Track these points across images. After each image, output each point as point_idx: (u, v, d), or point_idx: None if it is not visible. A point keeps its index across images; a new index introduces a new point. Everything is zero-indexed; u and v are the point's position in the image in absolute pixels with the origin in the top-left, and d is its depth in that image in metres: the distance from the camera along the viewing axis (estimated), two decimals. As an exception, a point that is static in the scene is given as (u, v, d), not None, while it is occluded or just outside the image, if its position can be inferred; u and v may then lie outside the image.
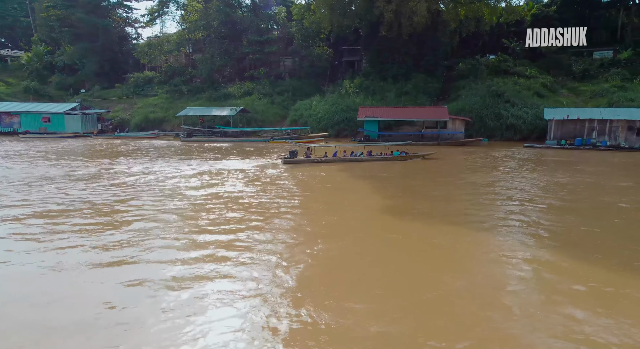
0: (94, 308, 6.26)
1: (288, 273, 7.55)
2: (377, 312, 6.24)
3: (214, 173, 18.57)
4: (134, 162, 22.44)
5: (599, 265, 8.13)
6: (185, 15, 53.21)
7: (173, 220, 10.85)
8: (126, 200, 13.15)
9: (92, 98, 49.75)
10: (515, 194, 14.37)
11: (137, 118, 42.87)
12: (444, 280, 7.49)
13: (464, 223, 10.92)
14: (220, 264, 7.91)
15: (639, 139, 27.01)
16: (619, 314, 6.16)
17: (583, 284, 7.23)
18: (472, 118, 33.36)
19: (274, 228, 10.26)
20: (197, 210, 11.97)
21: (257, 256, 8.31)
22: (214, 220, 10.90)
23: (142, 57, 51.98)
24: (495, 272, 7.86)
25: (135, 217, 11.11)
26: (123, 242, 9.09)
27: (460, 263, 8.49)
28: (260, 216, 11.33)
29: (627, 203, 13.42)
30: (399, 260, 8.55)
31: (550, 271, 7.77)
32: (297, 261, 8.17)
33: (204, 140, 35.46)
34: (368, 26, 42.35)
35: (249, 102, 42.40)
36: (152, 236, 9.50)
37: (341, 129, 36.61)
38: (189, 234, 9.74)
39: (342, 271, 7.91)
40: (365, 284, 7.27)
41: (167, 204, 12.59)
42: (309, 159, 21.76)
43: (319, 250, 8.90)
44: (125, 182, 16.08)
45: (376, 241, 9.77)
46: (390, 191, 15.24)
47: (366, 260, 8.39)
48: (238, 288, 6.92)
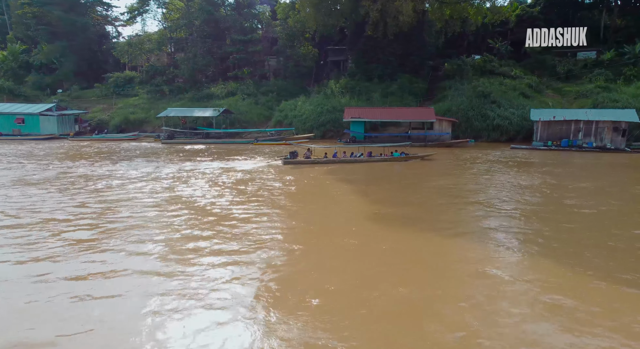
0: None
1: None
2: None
3: (193, 177, 17.76)
4: (100, 165, 21.55)
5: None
6: (166, 14, 51.95)
7: (123, 228, 10.08)
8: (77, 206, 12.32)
9: (70, 99, 48.13)
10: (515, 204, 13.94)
11: (117, 119, 41.51)
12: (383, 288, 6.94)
13: (442, 230, 10.41)
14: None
15: (624, 140, 26.98)
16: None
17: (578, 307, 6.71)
18: (459, 119, 33.06)
19: (241, 239, 9.57)
20: (158, 220, 11.20)
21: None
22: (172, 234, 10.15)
23: (122, 56, 50.55)
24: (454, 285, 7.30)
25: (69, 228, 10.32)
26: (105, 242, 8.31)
27: (416, 271, 8.18)
28: (235, 228, 10.64)
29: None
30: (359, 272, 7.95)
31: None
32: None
33: (185, 142, 34.46)
34: (353, 26, 41.84)
35: (233, 103, 41.44)
36: (115, 246, 8.72)
37: (327, 130, 35.95)
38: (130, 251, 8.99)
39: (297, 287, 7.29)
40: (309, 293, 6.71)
41: (135, 211, 11.79)
42: (309, 160, 22.10)
43: (281, 262, 8.28)
44: (82, 187, 15.30)
45: (343, 252, 9.16)
46: (378, 196, 14.67)
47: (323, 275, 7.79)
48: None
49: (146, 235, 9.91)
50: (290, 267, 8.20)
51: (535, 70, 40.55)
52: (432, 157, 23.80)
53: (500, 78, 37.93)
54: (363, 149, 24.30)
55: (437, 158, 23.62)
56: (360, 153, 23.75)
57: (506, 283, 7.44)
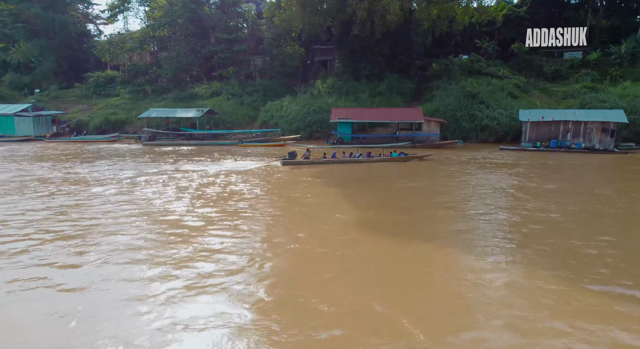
0: None
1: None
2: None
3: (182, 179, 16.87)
4: (64, 168, 20.56)
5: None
6: (149, 12, 50.67)
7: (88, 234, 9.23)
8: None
9: (48, 99, 46.61)
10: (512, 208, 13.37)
11: (97, 120, 40.21)
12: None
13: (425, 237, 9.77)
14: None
15: (613, 141, 26.78)
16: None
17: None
18: (447, 119, 32.63)
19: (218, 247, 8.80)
20: (103, 230, 10.35)
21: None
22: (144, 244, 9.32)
23: (102, 55, 49.15)
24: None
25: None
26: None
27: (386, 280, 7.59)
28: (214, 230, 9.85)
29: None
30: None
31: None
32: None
33: (167, 143, 33.40)
34: (340, 25, 41.14)
35: (217, 103, 40.42)
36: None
37: (314, 131, 35.25)
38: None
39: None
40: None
41: (85, 215, 10.91)
42: (308, 160, 22.14)
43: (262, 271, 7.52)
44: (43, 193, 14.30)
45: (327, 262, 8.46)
46: (367, 200, 14.00)
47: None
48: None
49: (96, 251, 9.08)
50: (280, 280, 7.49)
51: (522, 70, 40.37)
52: (431, 158, 23.82)
53: (488, 79, 37.66)
54: (362, 150, 24.36)
55: (435, 159, 23.58)
56: (359, 153, 23.82)
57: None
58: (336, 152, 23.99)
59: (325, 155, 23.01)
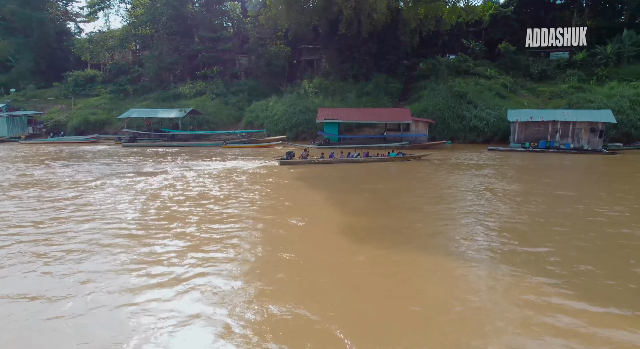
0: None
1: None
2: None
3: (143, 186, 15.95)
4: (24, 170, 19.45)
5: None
6: (131, 10, 49.32)
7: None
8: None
9: (25, 99, 45.04)
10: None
11: (75, 120, 38.86)
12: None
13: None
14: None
15: (601, 141, 26.60)
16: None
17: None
18: (435, 119, 32.20)
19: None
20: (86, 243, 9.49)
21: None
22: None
23: (82, 54, 47.64)
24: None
25: None
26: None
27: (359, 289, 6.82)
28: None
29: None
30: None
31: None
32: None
33: (148, 145, 32.33)
34: (327, 24, 40.49)
35: (200, 103, 39.40)
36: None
37: (300, 132, 34.52)
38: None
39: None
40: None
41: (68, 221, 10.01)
42: (306, 160, 22.30)
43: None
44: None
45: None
46: (358, 204, 13.31)
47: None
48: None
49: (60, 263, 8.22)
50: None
51: (509, 70, 40.23)
52: (428, 157, 23.89)
53: (476, 79, 37.39)
54: (360, 150, 24.70)
55: (432, 159, 23.63)
56: (357, 153, 23.95)
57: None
58: (334, 152, 24.13)
59: (323, 155, 23.11)
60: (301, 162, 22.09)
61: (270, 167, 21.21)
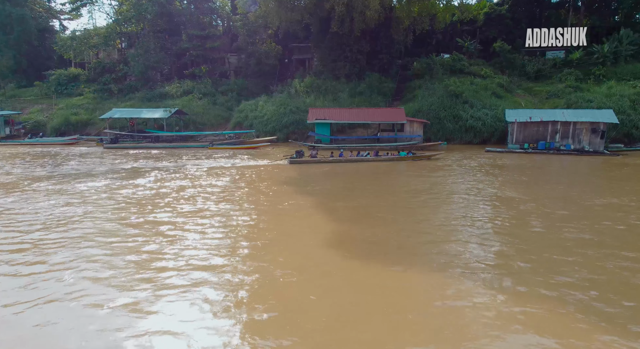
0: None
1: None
2: None
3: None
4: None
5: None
6: (116, 7, 47.69)
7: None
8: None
9: (4, 98, 43.28)
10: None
11: (56, 121, 37.17)
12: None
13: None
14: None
15: (602, 142, 25.66)
16: None
17: None
18: (430, 120, 31.13)
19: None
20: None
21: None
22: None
23: (64, 52, 45.93)
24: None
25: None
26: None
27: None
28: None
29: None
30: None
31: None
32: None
33: (131, 146, 30.83)
34: (318, 22, 39.24)
35: (187, 103, 37.93)
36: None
37: (290, 132, 33.22)
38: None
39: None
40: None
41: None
42: (315, 159, 22.32)
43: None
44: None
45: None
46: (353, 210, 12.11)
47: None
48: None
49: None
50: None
51: (504, 69, 39.37)
52: (438, 157, 23.64)
53: (471, 78, 36.42)
54: (370, 149, 25.14)
55: (443, 159, 23.33)
56: (367, 152, 23.99)
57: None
58: (343, 151, 24.34)
59: (332, 154, 23.14)
60: (311, 161, 22.07)
61: (281, 166, 21.18)
